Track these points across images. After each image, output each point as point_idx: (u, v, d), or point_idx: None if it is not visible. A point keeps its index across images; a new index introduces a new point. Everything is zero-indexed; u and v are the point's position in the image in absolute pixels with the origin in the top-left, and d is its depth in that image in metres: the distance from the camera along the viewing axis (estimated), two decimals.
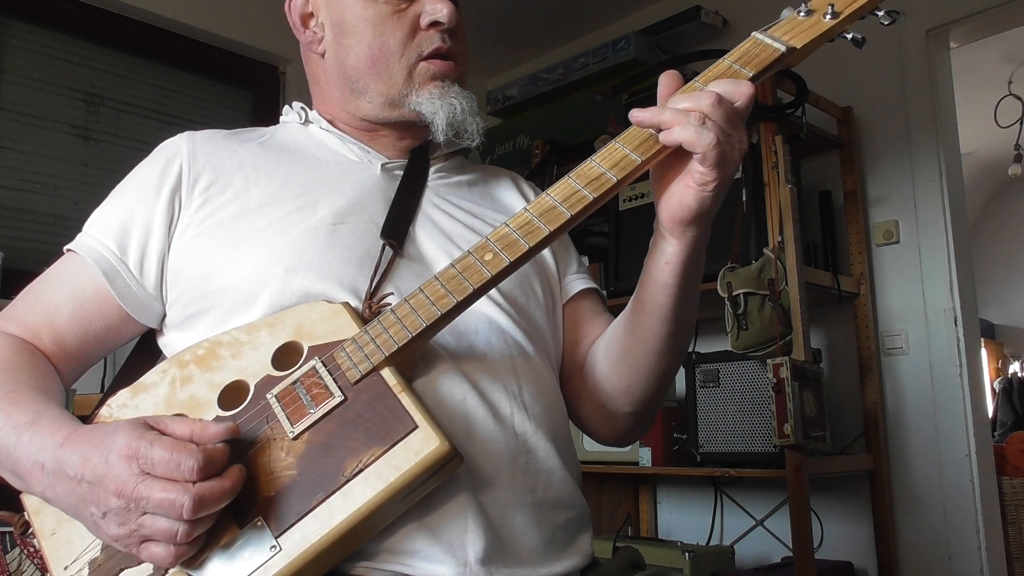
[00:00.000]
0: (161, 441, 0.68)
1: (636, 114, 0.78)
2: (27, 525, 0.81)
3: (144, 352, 0.98)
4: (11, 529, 0.86)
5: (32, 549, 0.80)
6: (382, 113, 0.97)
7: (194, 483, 0.66)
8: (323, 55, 1.00)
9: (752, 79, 0.80)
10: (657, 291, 0.85)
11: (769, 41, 0.82)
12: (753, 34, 0.84)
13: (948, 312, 2.33)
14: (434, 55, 0.95)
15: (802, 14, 0.83)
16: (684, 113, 0.75)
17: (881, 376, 2.42)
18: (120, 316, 0.91)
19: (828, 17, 0.82)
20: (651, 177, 0.82)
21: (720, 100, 0.75)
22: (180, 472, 0.66)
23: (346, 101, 0.99)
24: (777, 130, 2.17)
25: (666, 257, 0.83)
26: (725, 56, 0.82)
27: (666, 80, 0.80)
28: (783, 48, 0.81)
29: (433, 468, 0.70)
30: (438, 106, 0.94)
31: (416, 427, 0.71)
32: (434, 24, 0.94)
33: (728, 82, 0.78)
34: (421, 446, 0.70)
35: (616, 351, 0.93)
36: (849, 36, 0.84)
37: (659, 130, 0.77)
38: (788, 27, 0.83)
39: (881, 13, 0.84)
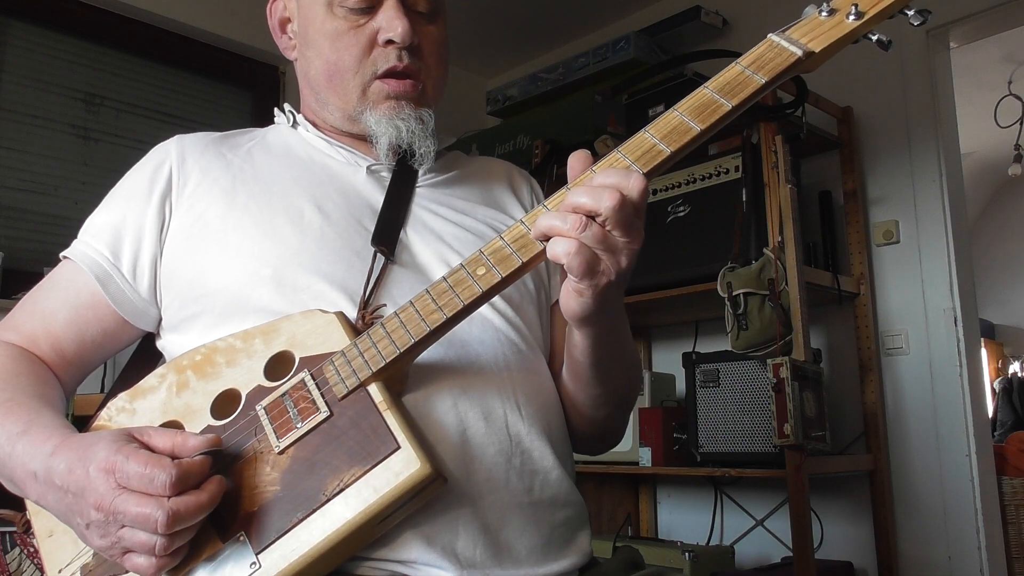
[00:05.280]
0: (137, 455, 0.68)
1: (541, 224, 0.73)
2: (29, 523, 0.82)
3: (145, 354, 0.98)
4: (11, 529, 0.86)
5: (32, 549, 0.81)
6: (343, 126, 0.97)
7: (169, 497, 0.66)
8: (296, 61, 1.01)
9: (765, 85, 0.75)
10: (576, 363, 0.88)
11: (786, 44, 0.76)
12: (769, 36, 0.78)
13: (948, 312, 2.33)
14: (388, 74, 0.93)
15: (824, 14, 0.77)
16: (563, 217, 0.70)
17: (881, 376, 2.42)
18: (116, 321, 0.91)
19: (852, 18, 0.76)
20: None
21: (623, 201, 0.69)
22: (154, 487, 0.66)
23: (317, 108, 1.00)
24: (777, 130, 2.17)
25: (575, 341, 0.85)
26: (737, 61, 0.77)
27: (574, 161, 0.76)
28: (800, 52, 0.75)
29: (414, 490, 0.69)
30: (384, 128, 0.92)
31: (398, 448, 0.70)
32: (390, 41, 0.92)
33: (620, 174, 0.72)
34: (402, 468, 0.69)
35: (567, 386, 0.95)
36: (874, 38, 0.78)
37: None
38: (807, 28, 0.77)
39: (911, 12, 0.77)
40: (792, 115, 2.21)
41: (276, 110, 1.06)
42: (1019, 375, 5.61)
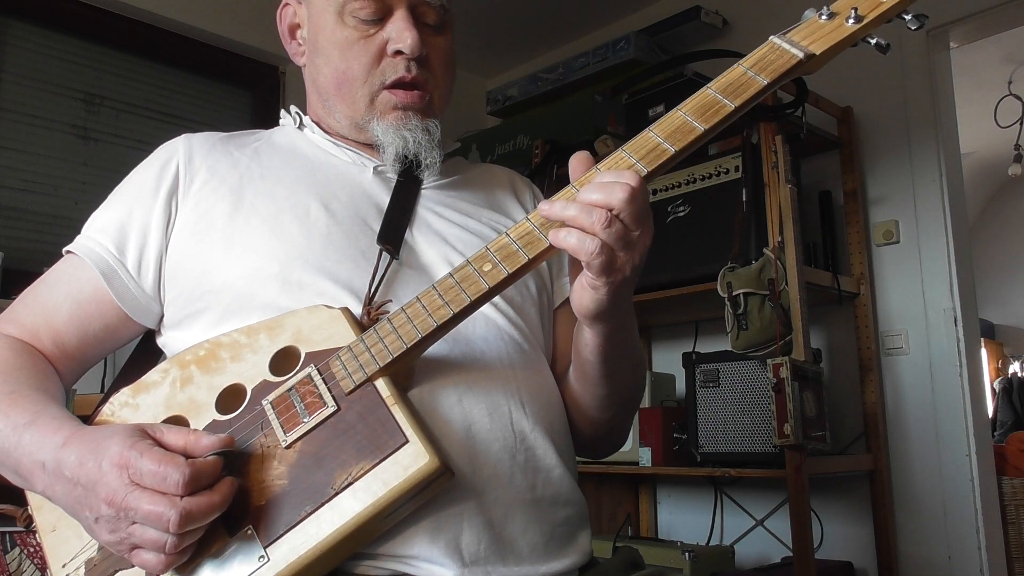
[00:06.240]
0: (151, 452, 0.68)
1: (543, 209, 0.75)
2: (31, 519, 0.82)
3: (146, 351, 0.98)
4: (12, 529, 0.86)
5: (32, 548, 0.81)
6: (350, 134, 0.98)
7: (182, 497, 0.66)
8: (304, 67, 1.02)
9: (767, 86, 0.76)
10: (585, 363, 0.89)
11: (787, 46, 0.78)
12: (771, 38, 0.79)
13: (948, 312, 2.33)
14: (396, 84, 0.94)
15: (824, 17, 0.79)
16: (588, 211, 0.72)
17: (881, 376, 2.42)
18: (118, 317, 0.91)
19: (851, 21, 0.77)
20: (568, 262, 0.81)
21: (634, 194, 0.71)
22: (167, 485, 0.66)
23: (324, 115, 1.00)
24: (777, 130, 2.17)
25: (585, 340, 0.86)
26: (740, 62, 0.78)
27: (575, 163, 0.77)
28: (801, 55, 0.77)
29: (422, 484, 0.70)
30: (391, 138, 0.93)
31: (406, 442, 0.70)
32: (399, 52, 0.93)
33: (620, 174, 0.73)
34: (410, 462, 0.70)
35: (574, 388, 0.95)
36: (873, 41, 0.80)
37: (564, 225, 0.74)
38: (808, 31, 0.79)
39: (908, 17, 0.79)
40: (792, 115, 2.21)
41: (283, 111, 1.06)
42: (1019, 375, 5.61)
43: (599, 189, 0.72)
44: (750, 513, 2.61)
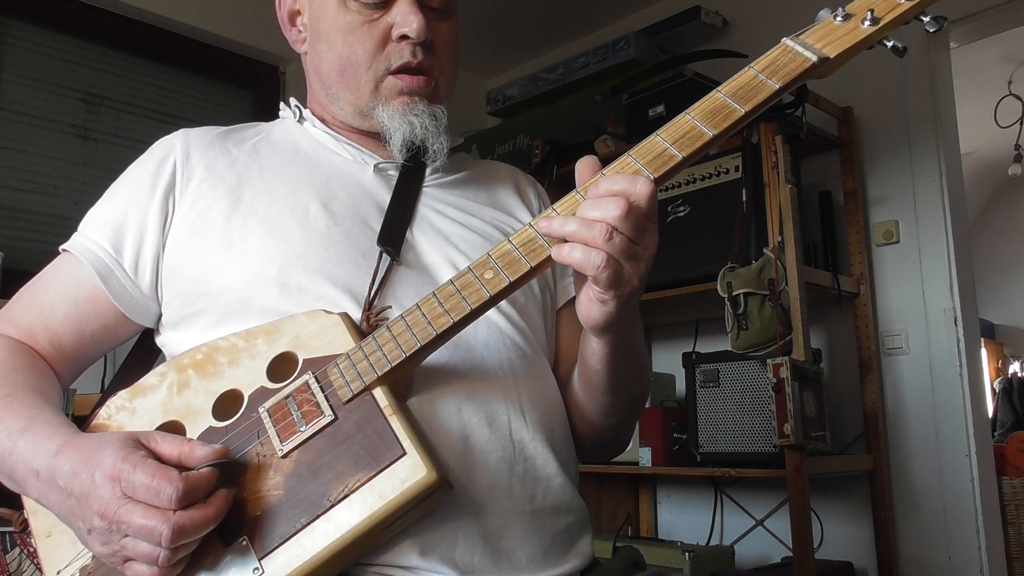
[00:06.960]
0: (144, 465, 0.67)
1: (543, 226, 0.74)
2: (26, 523, 0.81)
3: (143, 351, 0.97)
4: (11, 529, 0.86)
5: (32, 549, 0.80)
6: (354, 121, 0.96)
7: (174, 511, 0.65)
8: (305, 55, 1.00)
9: (779, 91, 0.74)
10: (591, 371, 0.87)
11: (800, 49, 0.75)
12: (783, 40, 0.76)
13: (948, 312, 2.33)
14: (402, 70, 0.92)
15: (839, 19, 0.76)
16: (589, 225, 0.70)
17: (881, 376, 2.41)
18: (115, 316, 0.90)
19: (867, 23, 0.74)
20: (574, 275, 0.80)
21: (629, 210, 0.70)
22: (160, 500, 0.65)
23: (327, 103, 0.98)
24: (777, 130, 2.17)
25: (591, 349, 0.84)
26: (751, 65, 0.75)
27: (582, 168, 0.76)
28: (815, 58, 0.74)
29: (419, 497, 0.69)
30: (398, 124, 0.91)
31: (404, 454, 0.69)
32: (404, 37, 0.91)
33: (627, 179, 0.72)
34: (408, 474, 0.68)
35: (577, 394, 0.94)
36: (889, 44, 0.76)
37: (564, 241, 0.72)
38: (822, 33, 0.76)
39: (927, 18, 0.76)
40: (792, 115, 2.20)
41: (282, 104, 1.04)
42: (1019, 375, 5.61)
43: (596, 206, 0.71)
44: (750, 513, 2.61)
